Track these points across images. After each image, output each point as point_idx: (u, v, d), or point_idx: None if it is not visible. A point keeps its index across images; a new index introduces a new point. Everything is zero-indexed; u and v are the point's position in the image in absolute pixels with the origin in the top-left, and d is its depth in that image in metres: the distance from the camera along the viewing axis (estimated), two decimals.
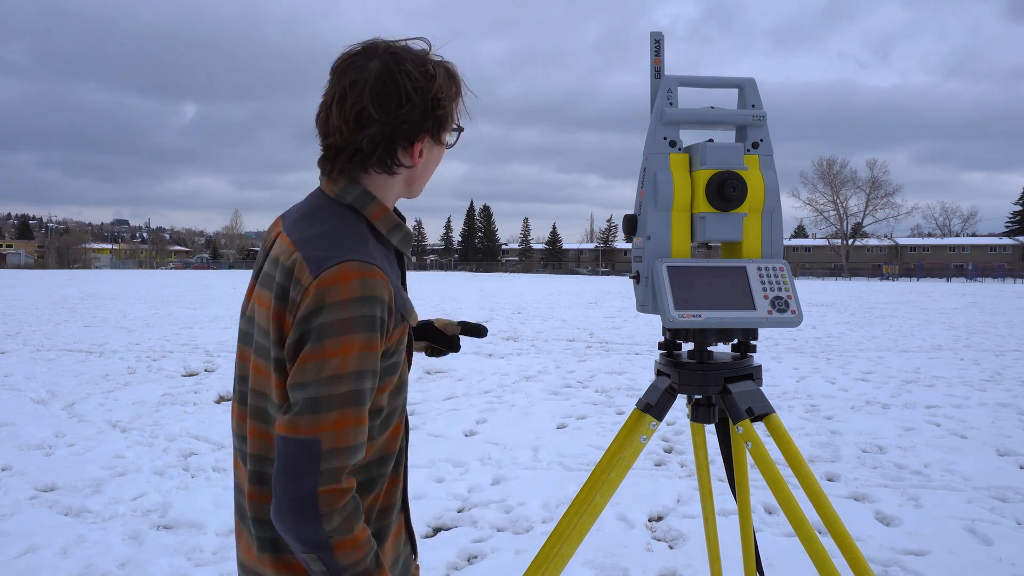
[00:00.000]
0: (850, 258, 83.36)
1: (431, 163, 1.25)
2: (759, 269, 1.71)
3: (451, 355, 10.23)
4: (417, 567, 1.36)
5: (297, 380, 1.05)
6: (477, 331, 1.61)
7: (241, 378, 1.22)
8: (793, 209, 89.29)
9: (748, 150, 1.77)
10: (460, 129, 1.25)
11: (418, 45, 1.20)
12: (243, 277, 50.20)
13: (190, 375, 8.38)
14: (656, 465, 4.87)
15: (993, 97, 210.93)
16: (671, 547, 3.58)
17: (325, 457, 1.04)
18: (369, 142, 1.15)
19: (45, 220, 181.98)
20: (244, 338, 1.22)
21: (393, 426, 1.21)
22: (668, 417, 5.60)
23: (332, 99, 1.16)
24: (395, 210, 1.27)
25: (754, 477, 4.16)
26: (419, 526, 3.81)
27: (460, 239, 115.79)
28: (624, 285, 38.19)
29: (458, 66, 1.22)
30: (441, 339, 1.57)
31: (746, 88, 1.80)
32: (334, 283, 1.05)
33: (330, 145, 1.17)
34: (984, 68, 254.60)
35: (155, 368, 8.79)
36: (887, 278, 67.53)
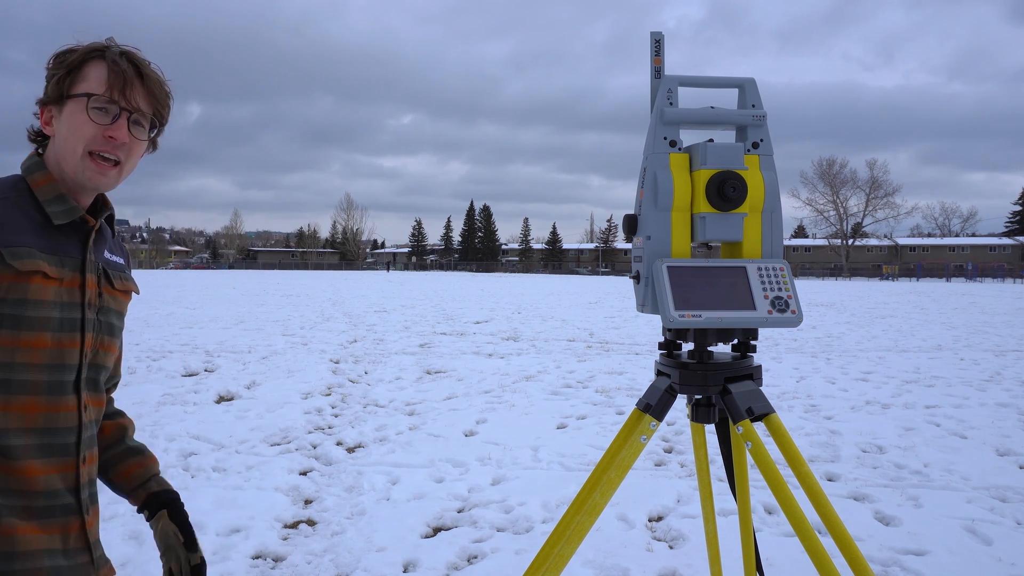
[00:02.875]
0: (850, 258, 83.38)
1: (64, 132, 1.28)
2: (759, 269, 1.72)
3: (451, 355, 10.25)
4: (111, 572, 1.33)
5: None
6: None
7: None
8: (793, 209, 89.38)
9: (748, 150, 1.77)
10: (88, 95, 1.26)
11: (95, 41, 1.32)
12: (243, 277, 50.18)
13: (190, 375, 8.37)
14: (656, 465, 4.87)
15: (996, 98, 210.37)
16: (671, 547, 3.58)
17: None
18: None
19: None
20: None
21: (22, 398, 1.16)
22: (668, 417, 5.59)
23: None
24: (101, 197, 1.35)
25: (754, 477, 4.16)
26: (419, 526, 3.81)
27: (460, 239, 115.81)
28: (624, 285, 38.19)
29: (82, 44, 1.30)
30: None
31: (746, 88, 1.80)
32: None
33: None
34: (987, 69, 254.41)
35: (155, 368, 8.78)
36: (887, 278, 67.57)
